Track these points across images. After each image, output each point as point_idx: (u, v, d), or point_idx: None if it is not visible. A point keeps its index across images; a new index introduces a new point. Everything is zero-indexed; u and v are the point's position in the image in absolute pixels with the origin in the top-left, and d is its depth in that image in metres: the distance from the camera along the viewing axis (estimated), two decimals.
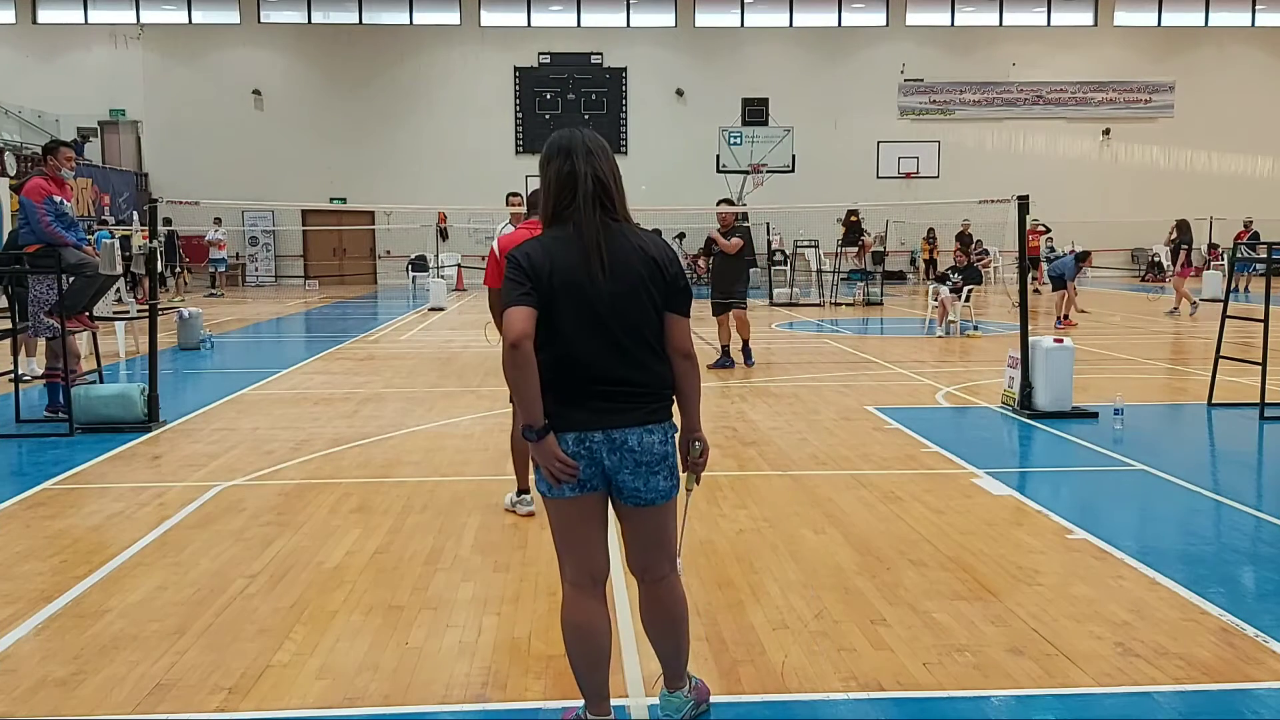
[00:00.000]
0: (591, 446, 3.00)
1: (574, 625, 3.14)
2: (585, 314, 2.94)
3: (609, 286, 2.95)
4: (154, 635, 4.10)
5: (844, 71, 32.00)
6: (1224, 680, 3.69)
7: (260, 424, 8.60)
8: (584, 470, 3.01)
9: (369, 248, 31.74)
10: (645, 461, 3.03)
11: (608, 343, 2.97)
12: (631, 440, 3.01)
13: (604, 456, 3.01)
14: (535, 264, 2.93)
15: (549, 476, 3.01)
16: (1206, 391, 9.25)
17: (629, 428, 3.01)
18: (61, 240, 8.38)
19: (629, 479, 3.04)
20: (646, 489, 3.06)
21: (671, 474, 3.10)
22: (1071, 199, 30.49)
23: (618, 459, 3.01)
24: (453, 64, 31.39)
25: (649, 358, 3.03)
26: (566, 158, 3.02)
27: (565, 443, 2.99)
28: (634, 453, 3.01)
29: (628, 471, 3.03)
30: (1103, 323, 17.42)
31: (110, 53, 30.64)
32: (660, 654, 3.36)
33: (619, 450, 3.01)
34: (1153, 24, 32.82)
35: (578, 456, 2.99)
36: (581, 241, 2.95)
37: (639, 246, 3.02)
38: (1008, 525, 5.62)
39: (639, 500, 3.08)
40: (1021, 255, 9.32)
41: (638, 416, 3.02)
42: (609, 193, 3.02)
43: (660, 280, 3.01)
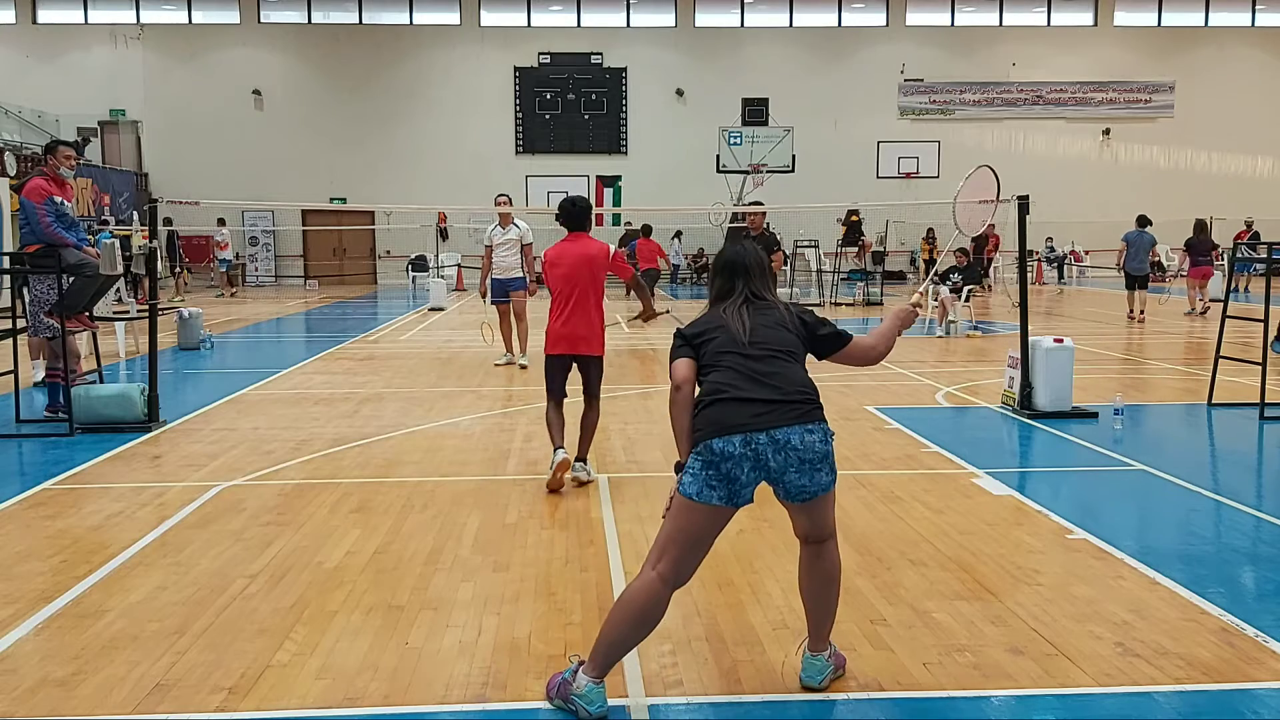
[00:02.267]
0: (757, 448, 3.33)
1: (636, 603, 3.39)
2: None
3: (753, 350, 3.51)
4: (154, 635, 4.10)
5: (844, 71, 32.01)
6: (1224, 680, 3.69)
7: (260, 424, 8.60)
8: (746, 474, 3.35)
9: (369, 248, 31.75)
10: (808, 460, 3.37)
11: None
12: (794, 439, 3.35)
13: (770, 458, 3.34)
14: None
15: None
16: (1206, 391, 9.25)
17: (790, 426, 3.37)
18: (62, 241, 8.39)
19: (795, 477, 3.38)
20: (813, 485, 3.42)
21: (831, 468, 3.45)
22: (1071, 199, 30.54)
23: (783, 459, 3.35)
24: (453, 64, 31.40)
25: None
26: (729, 277, 3.70)
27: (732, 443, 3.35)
28: (797, 451, 3.35)
29: (793, 470, 3.37)
30: (1103, 322, 17.42)
31: (110, 53, 30.65)
32: (810, 614, 3.65)
33: (783, 450, 3.34)
34: (1153, 24, 32.84)
35: (743, 459, 3.33)
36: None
37: (781, 314, 3.63)
38: (1008, 525, 5.62)
39: (804, 496, 3.44)
40: (1021, 255, 9.33)
41: (796, 416, 3.39)
42: (758, 294, 3.66)
43: (803, 332, 3.63)
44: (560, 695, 3.44)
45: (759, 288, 3.68)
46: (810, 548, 3.64)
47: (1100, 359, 12.46)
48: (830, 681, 3.62)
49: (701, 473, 3.34)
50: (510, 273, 11.78)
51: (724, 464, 3.30)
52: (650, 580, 3.39)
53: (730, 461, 3.30)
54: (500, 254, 11.73)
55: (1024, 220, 8.87)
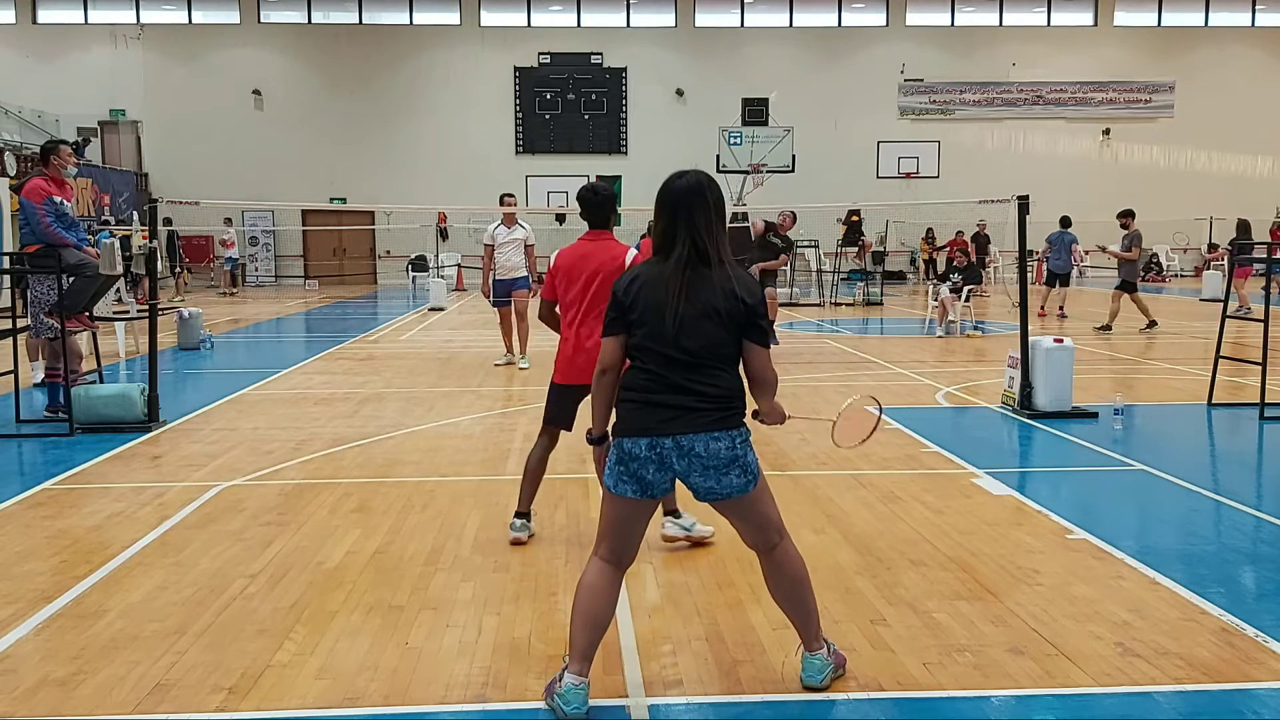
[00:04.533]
0: (662, 452, 3.37)
1: (588, 585, 3.49)
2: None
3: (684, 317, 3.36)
4: (154, 635, 4.10)
5: (844, 71, 32.00)
6: (1224, 680, 3.69)
7: (260, 424, 8.60)
8: (652, 475, 3.39)
9: (369, 248, 31.74)
10: (713, 465, 3.37)
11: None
12: (699, 446, 3.35)
13: (674, 462, 3.37)
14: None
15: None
16: (1206, 391, 9.25)
17: (695, 433, 3.36)
18: (62, 241, 8.38)
19: (699, 480, 3.40)
20: (720, 487, 3.41)
21: (744, 471, 3.41)
22: (1071, 199, 30.50)
23: (686, 464, 3.38)
24: (453, 64, 31.39)
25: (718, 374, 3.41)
26: (671, 220, 3.41)
27: (639, 447, 3.39)
28: (701, 458, 3.36)
29: (697, 474, 3.39)
30: (1103, 322, 17.42)
31: (110, 53, 30.64)
32: (791, 618, 3.67)
33: (686, 456, 3.36)
34: (1153, 24, 32.83)
35: (648, 461, 3.37)
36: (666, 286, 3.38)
37: (722, 287, 3.36)
38: (1008, 525, 5.62)
39: (713, 497, 3.45)
40: (1021, 255, 9.33)
41: (704, 423, 3.36)
42: (703, 253, 3.38)
43: (740, 315, 3.37)
44: (548, 694, 3.47)
45: (705, 242, 3.39)
46: (764, 557, 3.62)
47: (1100, 359, 12.46)
48: (831, 680, 3.62)
49: (616, 467, 3.43)
50: (514, 273, 11.76)
51: (632, 463, 3.39)
52: (594, 564, 3.54)
53: (637, 462, 3.38)
54: (504, 254, 11.71)
55: (1024, 220, 8.87)
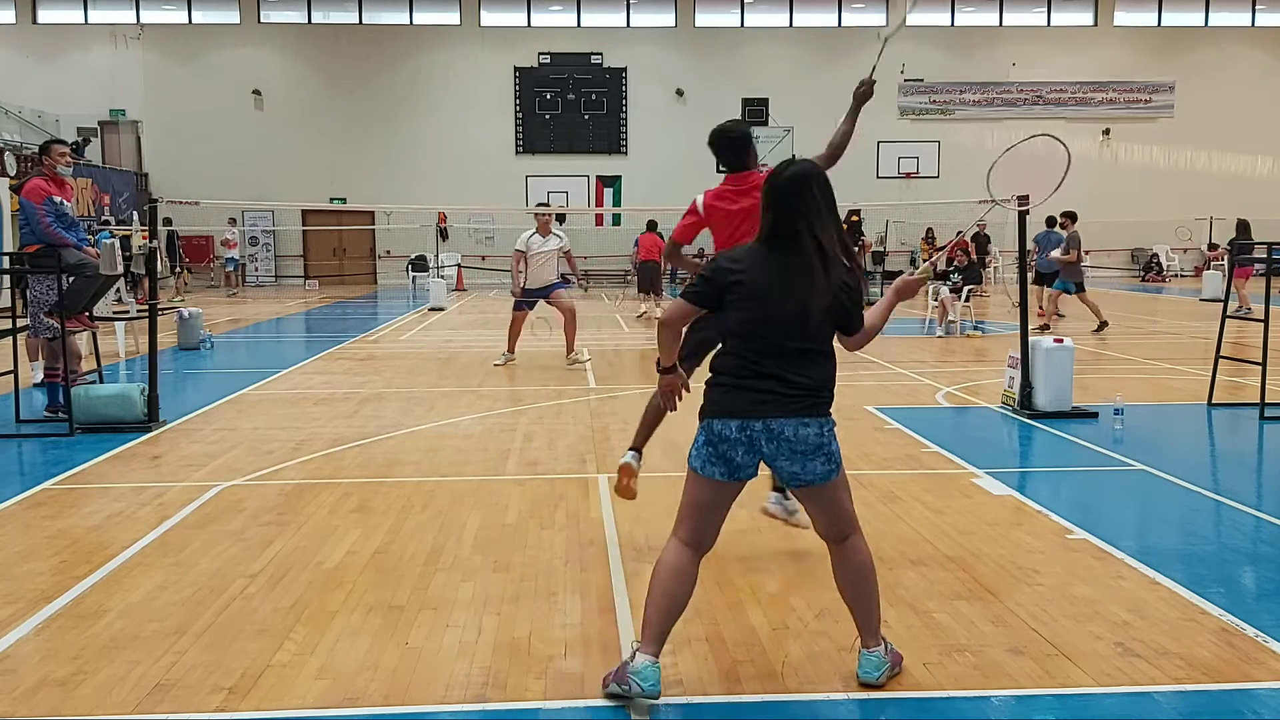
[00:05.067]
0: (752, 435, 3.45)
1: (666, 565, 3.56)
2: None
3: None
4: (154, 635, 4.10)
5: (844, 71, 31.91)
6: (1224, 680, 3.69)
7: (260, 424, 8.60)
8: (741, 457, 3.47)
9: (369, 248, 31.74)
10: (800, 450, 3.45)
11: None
12: (788, 431, 3.43)
13: (763, 445, 3.45)
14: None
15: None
16: (1206, 391, 9.25)
17: (786, 418, 3.44)
18: (62, 241, 8.39)
19: (785, 464, 3.48)
20: (804, 472, 3.49)
21: (828, 459, 3.50)
22: (1071, 199, 30.46)
23: (774, 447, 3.45)
24: (453, 64, 31.38)
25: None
26: (787, 219, 3.44)
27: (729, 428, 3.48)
28: (789, 442, 3.44)
29: (784, 458, 3.47)
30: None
31: (110, 53, 30.63)
32: (853, 612, 3.68)
33: (776, 439, 3.44)
34: (1153, 24, 32.82)
35: (738, 443, 3.46)
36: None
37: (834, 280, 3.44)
38: (1008, 525, 5.62)
39: (798, 482, 3.52)
40: (1021, 255, 9.33)
41: (796, 409, 3.45)
42: (820, 245, 3.42)
43: (841, 310, 3.50)
44: (617, 678, 3.47)
45: (825, 237, 3.44)
46: (835, 549, 3.68)
47: (1100, 359, 12.46)
48: (888, 679, 3.64)
49: (704, 448, 3.50)
50: (549, 281, 12.11)
51: (721, 445, 3.46)
52: (674, 545, 3.59)
53: (726, 444, 3.45)
54: (538, 263, 11.96)
55: (1024, 220, 8.86)
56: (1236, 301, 18.64)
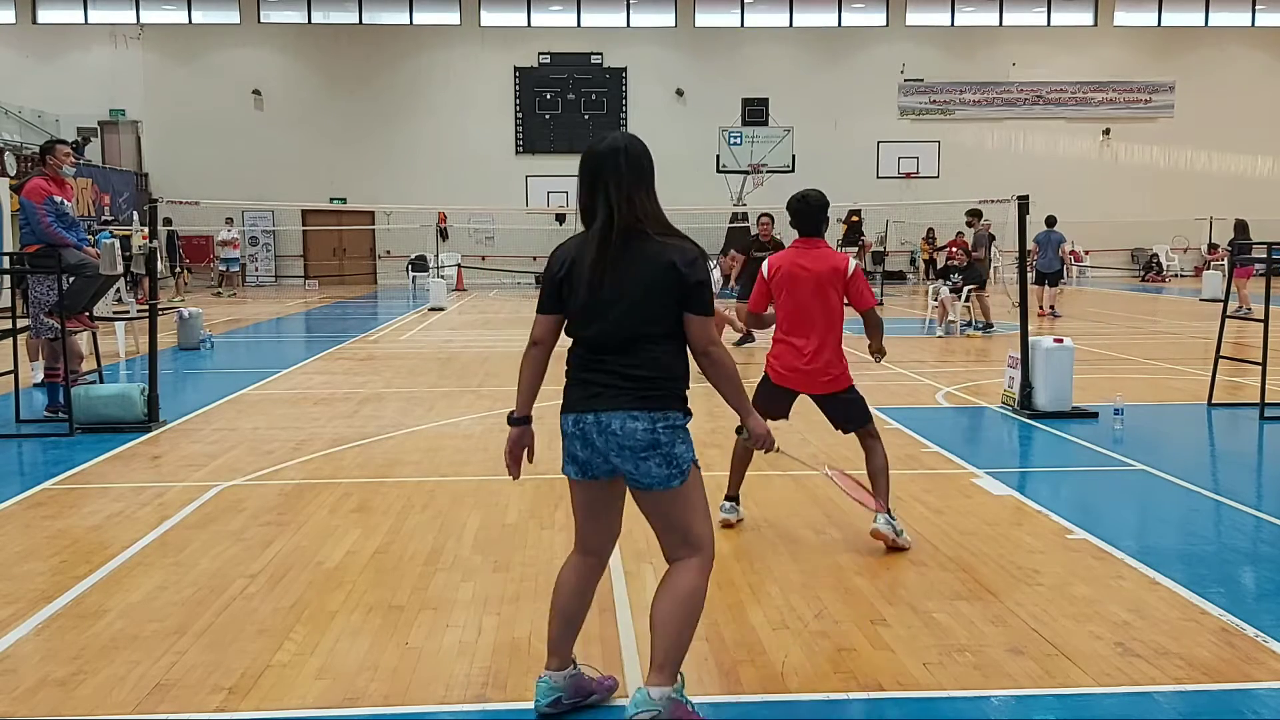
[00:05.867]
0: (584, 428, 3.25)
1: (560, 579, 3.49)
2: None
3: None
4: (154, 635, 4.10)
5: (844, 71, 31.99)
6: (1224, 680, 3.69)
7: (260, 424, 8.60)
8: (580, 451, 3.28)
9: (369, 248, 31.73)
10: (629, 446, 3.18)
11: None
12: (615, 424, 3.18)
13: (595, 438, 3.23)
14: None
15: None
16: (1206, 391, 9.25)
17: (613, 411, 3.20)
18: (62, 241, 8.39)
19: (618, 462, 3.23)
20: (639, 473, 3.22)
21: (667, 462, 3.20)
22: (1071, 199, 30.52)
23: (605, 441, 3.21)
24: (453, 64, 31.38)
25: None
26: (593, 191, 3.25)
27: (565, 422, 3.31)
28: (616, 436, 3.18)
29: (614, 454, 3.21)
30: (1103, 322, 17.44)
31: (110, 53, 30.63)
32: (653, 637, 3.28)
33: (604, 433, 3.20)
34: (1153, 24, 32.82)
35: (574, 437, 3.27)
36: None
37: (654, 258, 3.18)
38: (1008, 525, 5.62)
39: (635, 484, 3.28)
40: (1021, 255, 9.33)
41: (624, 402, 3.20)
42: (634, 224, 3.19)
43: (677, 287, 3.18)
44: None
45: (627, 212, 3.18)
46: (670, 567, 3.34)
47: (1100, 359, 12.46)
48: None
49: (563, 444, 3.35)
50: None
51: (565, 440, 3.32)
52: (570, 556, 3.52)
53: (568, 439, 3.31)
54: None
55: (1024, 220, 8.87)
56: (1236, 301, 18.70)
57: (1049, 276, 18.57)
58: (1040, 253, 18.60)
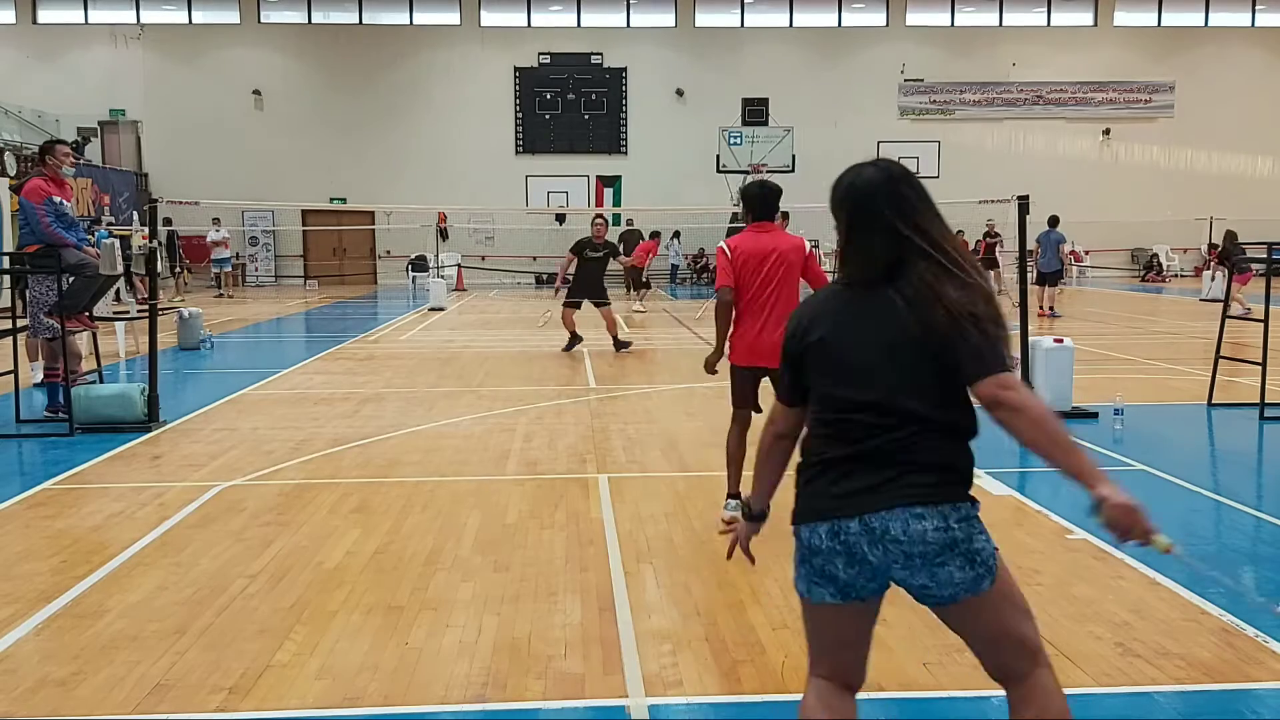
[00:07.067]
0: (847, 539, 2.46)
1: (824, 712, 2.61)
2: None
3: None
4: (154, 635, 4.10)
5: (844, 71, 31.99)
6: (1224, 680, 3.69)
7: (260, 424, 8.60)
8: (843, 571, 2.49)
9: (369, 248, 31.73)
10: (920, 553, 2.41)
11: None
12: (894, 528, 2.41)
13: (865, 551, 2.44)
14: None
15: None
16: (1206, 391, 9.25)
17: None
18: (62, 241, 8.39)
19: (904, 576, 2.47)
20: (935, 584, 2.45)
21: (970, 564, 2.43)
22: (1071, 199, 30.52)
23: (882, 551, 2.43)
24: (453, 64, 31.38)
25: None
26: (864, 238, 2.58)
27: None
28: (900, 544, 2.41)
29: (898, 566, 2.44)
30: (1103, 322, 17.44)
31: (110, 53, 30.64)
32: None
33: (880, 542, 2.42)
34: (1153, 24, 32.83)
35: (834, 551, 2.47)
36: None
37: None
38: (1008, 525, 5.62)
39: (931, 600, 2.52)
40: (1021, 255, 9.33)
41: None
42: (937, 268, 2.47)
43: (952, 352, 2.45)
44: None
45: (931, 256, 2.43)
46: (1011, 688, 2.62)
47: (1100, 359, 12.46)
48: None
49: (801, 565, 2.56)
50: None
51: (814, 558, 2.51)
52: (811, 688, 2.65)
53: (820, 556, 2.49)
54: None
55: (1024, 220, 8.87)
56: (1236, 306, 18.79)
57: (1048, 276, 18.62)
58: (1040, 252, 18.66)
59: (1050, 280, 18.69)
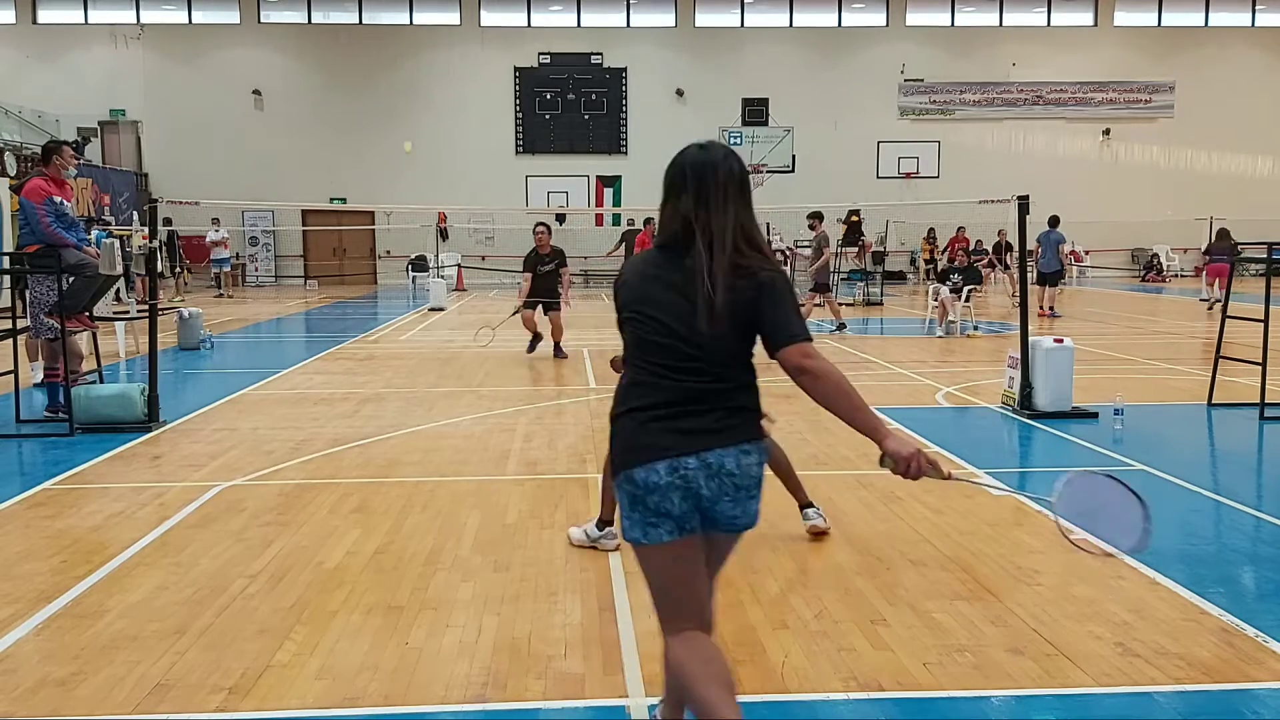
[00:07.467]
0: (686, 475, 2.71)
1: (700, 658, 2.77)
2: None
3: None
4: (154, 635, 4.10)
5: (844, 71, 31.99)
6: (1224, 680, 3.69)
7: (260, 424, 8.60)
8: (678, 505, 2.74)
9: (369, 248, 31.73)
10: (745, 485, 2.78)
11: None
12: (729, 463, 2.73)
13: (702, 484, 2.72)
14: None
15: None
16: (1206, 391, 9.25)
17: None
18: (62, 241, 8.39)
19: (727, 507, 2.78)
20: (743, 513, 2.84)
21: (760, 496, 2.88)
22: (1071, 199, 30.53)
23: (717, 485, 2.73)
24: (453, 64, 31.38)
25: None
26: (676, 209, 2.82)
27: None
28: (733, 476, 2.74)
29: (728, 499, 2.76)
30: (1103, 322, 17.44)
31: (110, 53, 30.63)
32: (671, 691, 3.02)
33: (717, 476, 2.73)
34: (1153, 24, 32.82)
35: (671, 487, 2.72)
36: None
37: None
38: (1008, 525, 5.62)
39: (735, 528, 2.87)
40: (1022, 255, 9.34)
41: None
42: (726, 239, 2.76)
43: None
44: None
45: (724, 225, 2.73)
46: (701, 629, 2.86)
47: (1100, 359, 12.46)
48: None
49: (633, 511, 2.79)
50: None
51: (650, 497, 2.73)
52: (672, 645, 2.86)
53: (657, 493, 2.72)
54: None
55: (1024, 220, 8.87)
56: (1209, 296, 19.19)
57: (1049, 277, 18.63)
58: (1040, 252, 18.67)
59: (1051, 280, 18.71)
